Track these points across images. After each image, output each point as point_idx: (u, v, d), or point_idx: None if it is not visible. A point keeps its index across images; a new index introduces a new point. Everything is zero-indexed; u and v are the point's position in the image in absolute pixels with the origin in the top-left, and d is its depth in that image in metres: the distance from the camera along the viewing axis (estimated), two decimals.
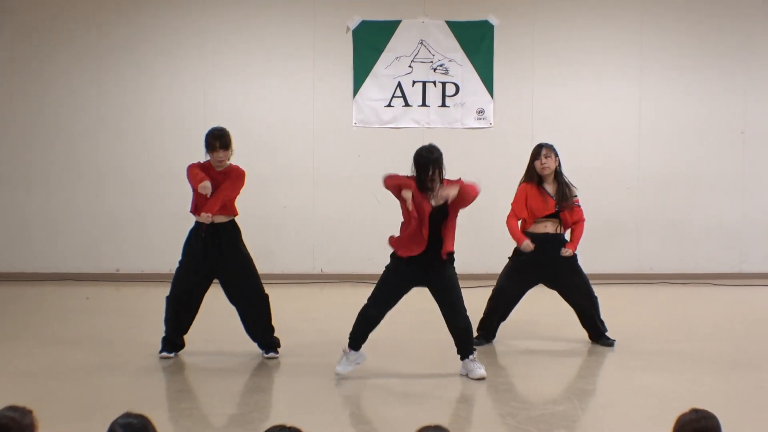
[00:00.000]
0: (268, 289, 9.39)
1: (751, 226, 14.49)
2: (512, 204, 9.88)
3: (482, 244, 13.30)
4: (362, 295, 9.01)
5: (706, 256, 14.46)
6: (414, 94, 14.05)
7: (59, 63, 14.11)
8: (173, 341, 9.39)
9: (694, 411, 4.48)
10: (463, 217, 13.10)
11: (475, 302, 8.96)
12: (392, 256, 8.79)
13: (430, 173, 8.47)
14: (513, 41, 14.13)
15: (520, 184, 9.90)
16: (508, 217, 9.84)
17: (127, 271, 14.21)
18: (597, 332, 10.00)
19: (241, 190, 9.29)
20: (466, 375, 8.67)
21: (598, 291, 9.97)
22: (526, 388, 8.52)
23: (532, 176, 9.80)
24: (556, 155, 9.81)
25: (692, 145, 14.35)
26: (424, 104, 14.08)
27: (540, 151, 9.81)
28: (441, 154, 8.60)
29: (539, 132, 13.92)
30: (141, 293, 13.23)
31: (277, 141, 14.09)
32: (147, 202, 14.17)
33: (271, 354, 9.38)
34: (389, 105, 14.06)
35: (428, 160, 8.51)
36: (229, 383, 8.54)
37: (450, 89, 14.06)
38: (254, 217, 12.70)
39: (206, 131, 9.37)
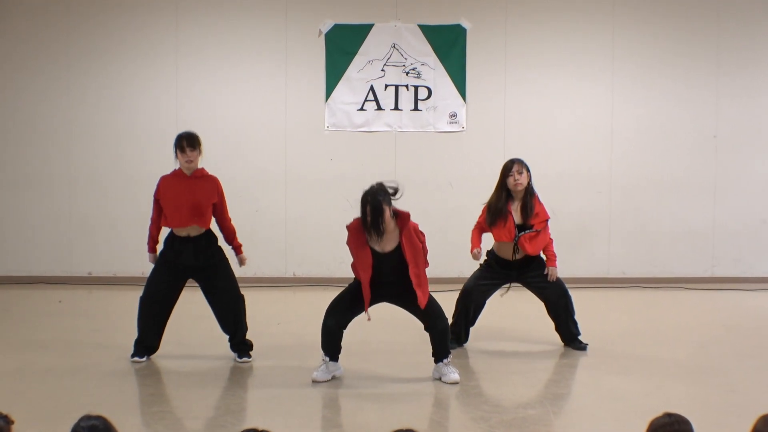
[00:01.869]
0: (249, 293, 9.40)
1: (722, 231, 14.49)
2: (479, 219, 9.81)
3: (452, 248, 13.23)
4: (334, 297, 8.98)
5: (677, 260, 14.48)
6: (386, 98, 14.02)
7: (30, 67, 14.05)
8: (146, 344, 9.33)
9: (667, 415, 4.49)
10: (434, 221, 13.24)
11: (445, 306, 8.92)
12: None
13: (377, 220, 8.19)
14: (485, 45, 14.12)
15: (485, 205, 9.77)
16: (475, 226, 9.82)
17: (100, 274, 14.15)
18: (569, 335, 9.96)
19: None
20: (439, 378, 8.63)
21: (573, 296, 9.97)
22: (498, 392, 8.46)
23: (500, 196, 9.65)
24: (528, 170, 9.68)
25: (664, 148, 14.36)
26: (396, 108, 14.06)
27: (511, 167, 9.64)
28: (384, 197, 8.22)
29: (511, 136, 14.06)
30: (113, 296, 13.17)
31: (249, 144, 14.04)
32: (119, 205, 14.09)
33: (244, 359, 9.35)
34: (362, 108, 14.03)
35: (373, 206, 8.17)
36: (202, 387, 8.49)
37: (422, 93, 14.04)
38: None
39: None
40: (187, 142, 9.17)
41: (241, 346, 9.41)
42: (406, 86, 14.02)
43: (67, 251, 14.19)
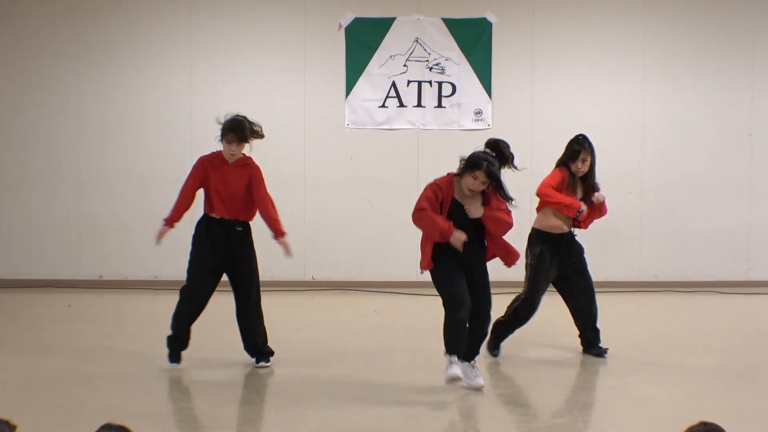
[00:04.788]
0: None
1: (758, 232, 14.32)
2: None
3: None
4: (354, 302, 8.80)
5: (711, 263, 14.30)
6: (409, 94, 13.91)
7: (37, 62, 13.93)
8: (181, 337, 9.13)
9: (703, 424, 4.36)
10: None
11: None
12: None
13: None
14: (512, 39, 14.00)
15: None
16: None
17: (110, 277, 13.99)
18: (588, 341, 9.82)
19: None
20: (458, 378, 8.34)
21: (599, 299, 9.87)
22: (526, 400, 8.45)
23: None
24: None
25: (697, 148, 14.20)
26: (419, 105, 13.93)
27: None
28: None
29: (539, 134, 13.98)
30: (124, 301, 13.08)
31: (266, 143, 13.59)
32: (130, 206, 13.97)
33: (262, 363, 9.22)
34: (383, 105, 13.91)
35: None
36: (218, 394, 8.38)
37: (446, 89, 13.90)
38: None
39: (197, 132, 9.16)
40: (235, 137, 9.05)
41: (261, 349, 9.26)
42: (430, 82, 13.91)
43: (77, 254, 14.05)
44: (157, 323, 11.11)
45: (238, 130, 8.98)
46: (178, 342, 9.10)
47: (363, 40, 13.84)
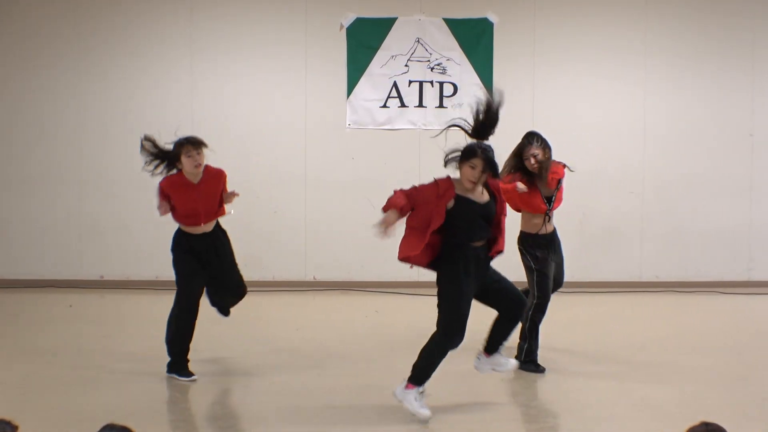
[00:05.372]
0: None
1: (758, 233, 14.24)
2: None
3: None
4: (355, 302, 8.78)
5: (712, 263, 14.22)
6: (410, 95, 13.85)
7: (38, 62, 13.88)
8: (183, 357, 8.97)
9: (705, 424, 4.39)
10: None
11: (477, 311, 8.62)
12: None
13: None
14: (513, 39, 13.92)
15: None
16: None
17: (111, 277, 13.95)
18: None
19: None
20: (491, 370, 8.29)
21: (599, 299, 9.76)
22: (527, 401, 8.40)
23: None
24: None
25: (698, 147, 14.13)
26: (420, 105, 13.88)
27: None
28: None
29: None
30: (125, 301, 13.03)
31: (267, 143, 13.90)
32: (131, 206, 13.88)
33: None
34: (384, 105, 13.85)
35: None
36: (218, 394, 8.43)
37: (448, 89, 13.85)
38: (242, 223, 12.60)
39: (198, 132, 9.21)
40: (194, 145, 9.00)
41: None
42: (431, 82, 13.86)
43: (78, 254, 14.01)
44: (158, 323, 11.11)
45: (194, 139, 9.07)
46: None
47: (364, 40, 13.78)
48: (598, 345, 10.34)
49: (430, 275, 7.91)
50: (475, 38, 13.81)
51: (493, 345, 8.18)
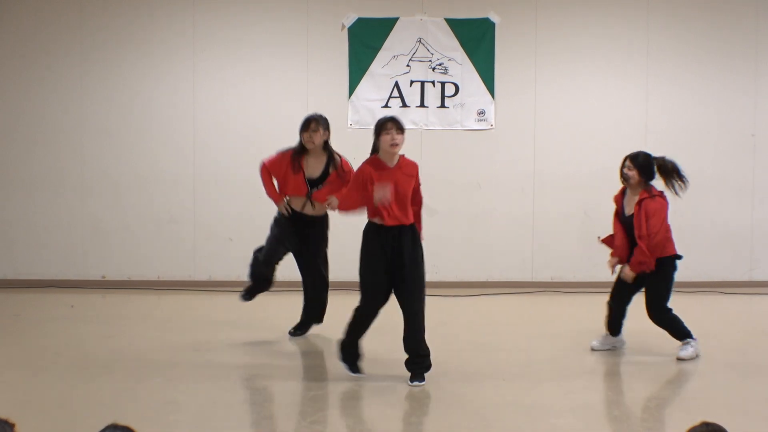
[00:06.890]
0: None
1: (761, 233, 14.26)
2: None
3: (479, 251, 13.27)
4: (356, 303, 8.85)
5: (714, 263, 14.23)
6: (412, 95, 13.87)
7: (40, 62, 13.88)
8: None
9: (705, 424, 4.40)
10: (461, 223, 12.98)
11: (465, 310, 8.60)
12: None
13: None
14: (515, 39, 13.93)
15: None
16: None
17: (114, 277, 13.95)
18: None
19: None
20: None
21: (601, 299, 9.81)
22: (527, 401, 8.33)
23: None
24: None
25: (700, 148, 14.12)
26: (422, 105, 13.90)
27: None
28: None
29: (542, 134, 13.94)
30: (127, 301, 13.01)
31: (269, 142, 13.78)
32: (134, 206, 13.93)
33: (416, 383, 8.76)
34: (386, 105, 13.83)
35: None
36: (219, 394, 8.38)
37: (449, 89, 13.86)
38: (246, 222, 12.60)
39: (200, 132, 9.24)
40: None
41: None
42: (433, 82, 13.87)
43: (80, 254, 14.02)
44: (160, 323, 11.16)
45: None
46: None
47: (366, 40, 13.80)
48: None
49: (429, 276, 8.08)
50: (476, 38, 13.82)
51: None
